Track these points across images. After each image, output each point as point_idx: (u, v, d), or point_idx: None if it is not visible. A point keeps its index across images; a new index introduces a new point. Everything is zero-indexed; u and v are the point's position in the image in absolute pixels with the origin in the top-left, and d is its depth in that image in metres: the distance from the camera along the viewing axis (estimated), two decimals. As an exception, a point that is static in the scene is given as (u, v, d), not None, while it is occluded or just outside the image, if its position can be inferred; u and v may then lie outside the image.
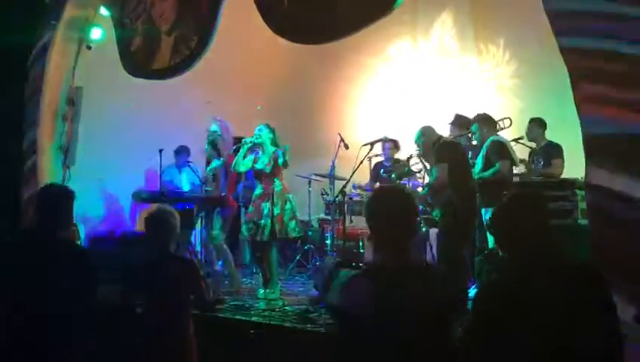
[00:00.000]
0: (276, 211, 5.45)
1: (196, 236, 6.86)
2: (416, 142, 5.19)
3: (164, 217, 3.30)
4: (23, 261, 2.95)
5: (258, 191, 5.67)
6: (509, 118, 6.03)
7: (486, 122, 5.56)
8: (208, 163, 6.80)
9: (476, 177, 5.21)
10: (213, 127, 6.45)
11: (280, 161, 5.47)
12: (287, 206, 5.57)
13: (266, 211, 5.49)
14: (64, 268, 2.95)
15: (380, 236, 2.17)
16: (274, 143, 5.63)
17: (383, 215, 2.18)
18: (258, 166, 5.63)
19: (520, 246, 2.12)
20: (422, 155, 5.30)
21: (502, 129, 5.86)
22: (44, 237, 3.05)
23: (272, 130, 5.68)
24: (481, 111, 5.79)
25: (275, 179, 5.55)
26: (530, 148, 5.99)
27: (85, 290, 3.05)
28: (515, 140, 5.85)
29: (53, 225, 3.06)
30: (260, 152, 5.65)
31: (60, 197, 3.14)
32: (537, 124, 5.94)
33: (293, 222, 5.61)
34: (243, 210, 6.54)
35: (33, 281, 2.87)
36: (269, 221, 5.44)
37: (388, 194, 2.36)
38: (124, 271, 3.46)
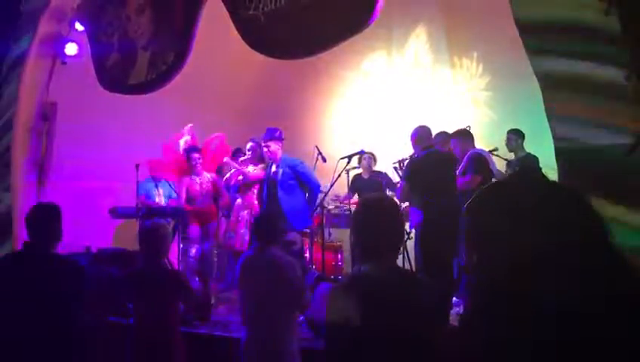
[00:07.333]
0: None
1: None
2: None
3: (158, 230, 3.48)
4: (17, 274, 3.11)
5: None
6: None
7: (463, 136, 5.65)
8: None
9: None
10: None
11: None
12: None
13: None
14: (57, 281, 3.08)
15: (365, 245, 2.16)
16: None
17: (368, 224, 2.18)
18: None
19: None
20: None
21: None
22: (36, 252, 3.16)
23: None
24: (460, 125, 5.90)
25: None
26: (505, 160, 6.06)
27: (78, 302, 3.16)
28: (490, 152, 5.91)
29: (45, 241, 3.17)
30: None
31: (48, 215, 3.24)
32: (517, 135, 6.01)
33: None
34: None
35: (25, 293, 3.00)
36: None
37: (373, 203, 2.32)
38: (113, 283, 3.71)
